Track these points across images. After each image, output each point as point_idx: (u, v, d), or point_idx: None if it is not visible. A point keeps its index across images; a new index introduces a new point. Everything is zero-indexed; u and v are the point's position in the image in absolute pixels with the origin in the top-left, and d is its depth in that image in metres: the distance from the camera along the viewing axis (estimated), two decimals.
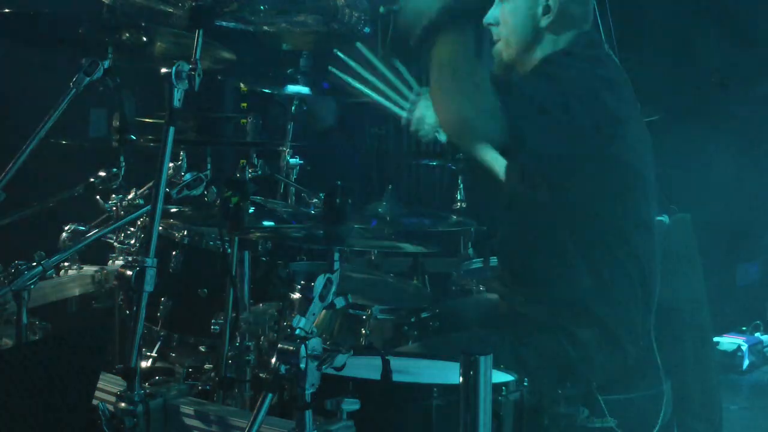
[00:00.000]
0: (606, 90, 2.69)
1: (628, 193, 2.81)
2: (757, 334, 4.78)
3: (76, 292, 3.37)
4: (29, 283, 2.33)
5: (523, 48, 2.84)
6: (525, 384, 2.35)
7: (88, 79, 2.74)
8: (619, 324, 2.80)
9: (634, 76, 2.91)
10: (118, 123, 3.15)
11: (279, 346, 1.97)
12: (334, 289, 2.07)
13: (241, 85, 5.08)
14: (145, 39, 2.88)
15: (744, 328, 4.82)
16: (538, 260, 2.89)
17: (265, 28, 2.69)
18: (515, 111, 2.54)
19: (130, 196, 3.50)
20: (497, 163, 3.01)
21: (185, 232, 3.40)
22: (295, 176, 4.19)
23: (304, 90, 4.19)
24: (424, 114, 3.03)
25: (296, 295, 3.17)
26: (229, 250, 2.68)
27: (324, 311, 2.12)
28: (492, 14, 2.89)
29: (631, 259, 2.79)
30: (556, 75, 2.68)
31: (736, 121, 5.02)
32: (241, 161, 3.19)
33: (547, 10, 2.78)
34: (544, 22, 2.79)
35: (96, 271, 3.42)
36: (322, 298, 2.05)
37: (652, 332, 2.90)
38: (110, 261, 3.54)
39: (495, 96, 2.51)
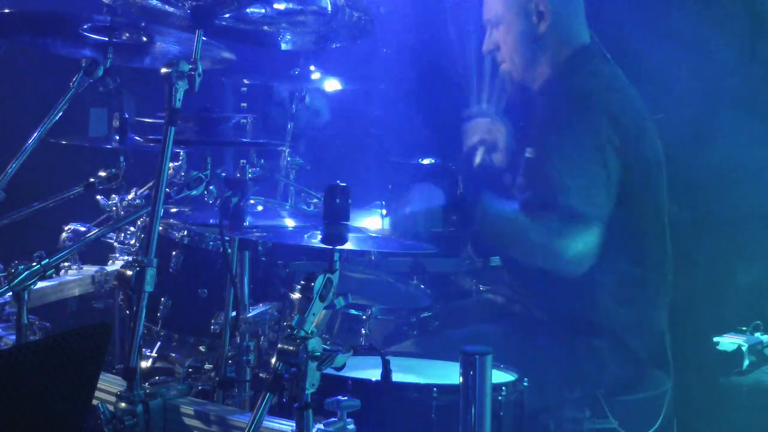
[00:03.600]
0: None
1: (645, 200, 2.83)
2: (757, 334, 4.77)
3: (76, 292, 3.37)
4: (29, 283, 2.32)
5: (528, 61, 2.95)
6: (525, 384, 2.35)
7: (88, 79, 2.74)
8: (632, 332, 2.81)
9: (637, 76, 2.93)
10: (118, 123, 3.15)
11: (279, 346, 1.97)
12: (334, 289, 2.07)
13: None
14: (145, 39, 2.88)
15: (744, 328, 4.81)
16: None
17: (265, 28, 2.68)
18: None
19: (130, 196, 3.50)
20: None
21: (185, 232, 3.40)
22: (294, 176, 4.19)
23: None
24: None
25: (296, 295, 3.17)
26: (229, 250, 2.68)
27: (324, 311, 2.11)
28: (487, 43, 3.01)
29: (645, 265, 2.79)
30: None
31: (740, 120, 5.00)
32: (241, 161, 3.19)
33: (541, 15, 2.87)
34: (542, 27, 2.88)
35: (96, 271, 3.42)
36: (322, 298, 2.05)
37: (666, 333, 2.91)
38: (110, 261, 3.54)
39: None
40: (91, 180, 3.24)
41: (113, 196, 3.49)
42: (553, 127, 2.77)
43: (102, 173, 3.27)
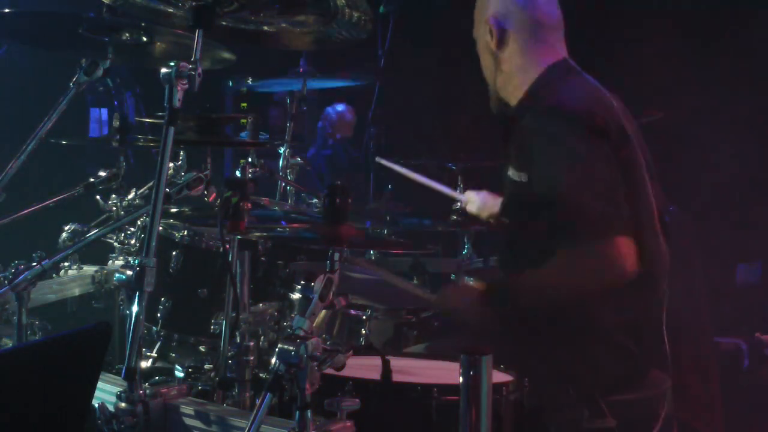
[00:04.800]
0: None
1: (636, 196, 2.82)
2: (757, 334, 4.78)
3: (76, 292, 3.37)
4: (29, 283, 2.33)
5: (491, 72, 2.99)
6: (525, 384, 2.35)
7: (88, 79, 2.74)
8: (627, 331, 2.81)
9: (635, 76, 2.92)
10: (118, 123, 3.15)
11: (279, 346, 1.97)
12: (334, 289, 2.07)
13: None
14: (145, 39, 2.88)
15: (744, 328, 4.82)
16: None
17: (265, 28, 2.68)
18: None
19: (130, 196, 3.50)
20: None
21: (185, 232, 3.40)
22: (293, 176, 4.20)
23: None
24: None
25: (296, 295, 3.17)
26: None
27: (324, 311, 2.11)
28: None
29: (639, 263, 2.79)
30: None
31: (739, 120, 5.02)
32: (241, 161, 3.19)
33: (492, 35, 2.93)
34: (492, 46, 2.94)
35: (96, 271, 3.43)
36: (322, 298, 2.05)
37: (663, 330, 2.90)
38: (110, 261, 3.54)
39: None
40: (91, 180, 3.25)
41: (113, 196, 3.49)
42: (553, 157, 2.76)
43: (102, 173, 3.27)
